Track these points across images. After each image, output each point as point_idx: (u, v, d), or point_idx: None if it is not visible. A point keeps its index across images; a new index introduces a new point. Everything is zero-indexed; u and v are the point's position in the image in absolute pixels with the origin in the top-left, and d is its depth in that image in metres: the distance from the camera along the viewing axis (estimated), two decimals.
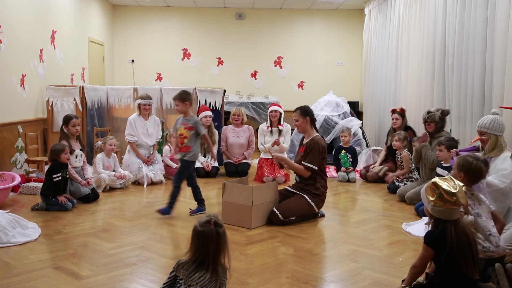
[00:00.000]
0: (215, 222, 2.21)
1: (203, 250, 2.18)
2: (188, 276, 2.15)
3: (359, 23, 10.15)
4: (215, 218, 2.23)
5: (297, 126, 4.42)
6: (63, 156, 4.67)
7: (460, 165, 2.97)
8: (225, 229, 2.26)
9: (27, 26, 6.19)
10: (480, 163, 2.96)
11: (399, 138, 5.81)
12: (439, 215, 2.46)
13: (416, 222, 4.20)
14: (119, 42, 10.39)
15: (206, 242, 2.17)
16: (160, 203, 4.97)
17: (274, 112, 6.41)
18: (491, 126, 3.77)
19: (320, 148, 4.27)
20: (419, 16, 6.71)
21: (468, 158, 2.98)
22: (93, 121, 6.92)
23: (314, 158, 4.25)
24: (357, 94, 10.36)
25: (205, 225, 2.20)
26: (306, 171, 4.29)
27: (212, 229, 2.18)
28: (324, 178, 4.41)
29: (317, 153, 4.25)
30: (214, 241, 2.17)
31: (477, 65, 5.00)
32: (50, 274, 3.02)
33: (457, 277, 2.38)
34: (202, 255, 2.18)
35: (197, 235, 2.19)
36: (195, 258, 2.19)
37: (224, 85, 8.37)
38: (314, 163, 4.26)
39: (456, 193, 2.41)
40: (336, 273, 3.11)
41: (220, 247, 2.20)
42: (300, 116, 4.37)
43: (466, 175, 2.94)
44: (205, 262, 2.17)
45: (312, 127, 4.43)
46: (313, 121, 4.43)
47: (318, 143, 4.28)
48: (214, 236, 2.17)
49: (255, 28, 10.47)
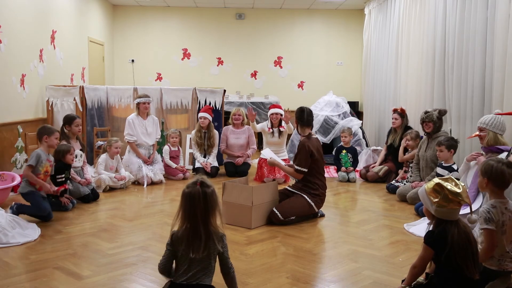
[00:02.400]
0: (201, 182, 2.12)
1: (191, 212, 2.08)
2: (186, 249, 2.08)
3: (359, 23, 10.15)
4: (202, 179, 2.14)
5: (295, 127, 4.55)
6: (69, 157, 4.67)
7: (483, 171, 2.76)
8: (214, 189, 2.15)
9: (27, 26, 6.19)
10: (502, 166, 2.70)
11: (411, 137, 5.65)
12: (443, 216, 2.45)
13: (418, 222, 4.19)
14: (119, 42, 10.39)
15: (193, 204, 2.08)
16: (161, 203, 4.98)
17: (275, 114, 6.34)
18: (491, 123, 3.77)
19: (306, 150, 4.27)
20: (419, 16, 6.71)
21: (489, 162, 2.78)
22: (93, 121, 6.92)
23: (302, 160, 4.28)
24: (357, 94, 10.37)
25: (191, 186, 2.12)
26: (297, 174, 4.34)
27: (198, 189, 2.09)
28: (321, 178, 4.41)
29: (304, 155, 4.27)
30: (201, 202, 2.08)
31: (477, 65, 5.00)
32: (50, 274, 3.02)
33: (457, 277, 2.38)
34: (192, 219, 2.09)
35: (184, 197, 2.11)
36: (186, 223, 2.10)
37: (224, 85, 8.37)
38: (302, 165, 4.29)
39: (460, 193, 2.41)
40: (336, 273, 3.11)
41: (209, 208, 2.10)
42: (295, 118, 4.50)
43: (490, 180, 2.71)
44: (196, 228, 2.08)
45: (305, 129, 4.44)
46: (304, 123, 4.41)
47: (303, 145, 4.30)
48: (200, 196, 2.08)
49: (255, 28, 10.47)
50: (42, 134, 4.33)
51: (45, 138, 4.30)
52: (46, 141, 4.30)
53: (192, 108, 7.10)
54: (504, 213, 2.63)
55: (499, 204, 2.65)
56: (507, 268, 2.62)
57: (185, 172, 6.39)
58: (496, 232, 2.59)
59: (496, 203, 2.66)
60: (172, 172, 6.33)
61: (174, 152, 6.43)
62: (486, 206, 2.67)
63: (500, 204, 2.65)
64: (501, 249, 2.62)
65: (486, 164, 2.77)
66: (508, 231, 2.63)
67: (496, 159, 2.86)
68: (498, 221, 2.60)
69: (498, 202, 2.66)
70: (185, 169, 6.46)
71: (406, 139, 5.76)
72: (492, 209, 2.63)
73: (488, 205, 2.68)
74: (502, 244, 2.61)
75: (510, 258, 2.63)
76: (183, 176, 6.33)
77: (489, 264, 2.63)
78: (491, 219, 2.59)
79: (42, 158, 4.20)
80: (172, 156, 6.39)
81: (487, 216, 2.61)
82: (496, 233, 2.60)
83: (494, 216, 2.60)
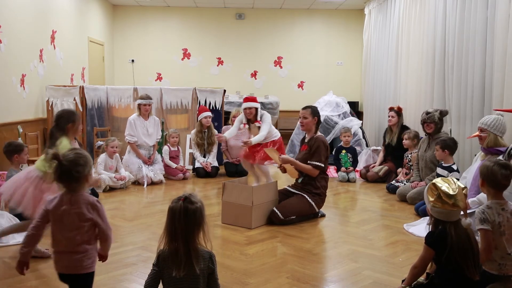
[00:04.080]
0: (186, 198, 2.00)
1: (171, 228, 1.99)
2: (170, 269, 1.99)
3: (359, 23, 10.14)
4: (189, 195, 2.02)
5: (304, 123, 4.44)
6: None
7: (480, 172, 2.75)
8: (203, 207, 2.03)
9: (27, 26, 6.19)
10: (497, 167, 2.65)
11: (409, 136, 5.67)
12: (438, 216, 2.45)
13: (418, 223, 4.19)
14: (119, 42, 10.39)
15: (173, 219, 1.98)
16: (161, 203, 4.98)
17: (248, 109, 5.30)
18: (493, 125, 3.76)
19: (325, 146, 4.34)
20: (419, 16, 6.71)
21: (486, 163, 2.75)
22: (93, 121, 6.92)
23: (322, 156, 4.30)
24: (357, 94, 10.36)
25: (175, 201, 2.02)
26: (314, 170, 4.30)
27: (181, 204, 1.98)
28: (325, 178, 4.42)
29: (323, 150, 4.31)
30: (182, 219, 1.96)
31: (477, 65, 5.00)
32: (50, 274, 3.02)
33: (457, 277, 2.38)
34: (173, 235, 1.99)
35: (168, 212, 2.02)
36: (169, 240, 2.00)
37: (224, 85, 8.37)
38: (322, 161, 4.30)
39: (454, 195, 2.40)
40: (336, 273, 3.11)
41: (191, 225, 1.98)
42: (310, 114, 4.44)
43: (486, 182, 2.70)
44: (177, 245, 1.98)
45: (316, 128, 4.49)
46: (319, 123, 4.51)
47: (322, 141, 4.35)
48: (181, 212, 1.96)
49: (255, 28, 10.46)
50: (11, 153, 4.01)
51: (16, 157, 4.00)
52: (17, 159, 4.00)
53: (192, 108, 7.10)
54: (500, 214, 2.62)
55: (495, 205, 2.65)
56: (508, 272, 2.60)
57: (185, 172, 6.39)
58: (492, 232, 2.58)
59: (492, 204, 2.66)
60: (172, 172, 6.33)
61: (174, 152, 6.43)
62: (481, 207, 2.68)
63: (496, 205, 2.64)
64: (502, 251, 2.60)
65: (483, 165, 2.76)
66: (508, 232, 2.62)
67: (494, 160, 2.85)
68: (494, 222, 2.59)
69: (495, 203, 2.66)
70: (185, 169, 6.46)
71: (404, 137, 5.77)
72: (487, 209, 2.62)
73: (484, 206, 2.68)
74: (503, 246, 2.60)
75: (511, 261, 2.61)
76: (183, 176, 6.33)
77: (489, 268, 2.61)
78: (486, 220, 2.58)
79: None
80: (172, 156, 6.39)
81: (482, 216, 2.60)
82: (493, 234, 2.59)
83: (489, 217, 2.59)
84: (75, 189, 2.24)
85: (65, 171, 2.20)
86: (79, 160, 2.23)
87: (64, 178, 2.22)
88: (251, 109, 5.30)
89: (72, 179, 2.21)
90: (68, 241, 2.19)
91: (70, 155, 2.23)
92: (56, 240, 2.22)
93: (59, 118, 3.39)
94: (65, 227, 2.19)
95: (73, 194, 2.23)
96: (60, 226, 2.20)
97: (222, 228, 4.08)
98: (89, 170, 2.28)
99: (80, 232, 2.20)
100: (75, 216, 2.20)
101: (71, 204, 2.20)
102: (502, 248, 2.60)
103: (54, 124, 3.41)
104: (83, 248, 2.20)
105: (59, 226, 2.21)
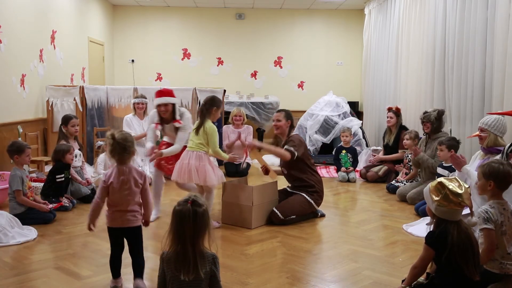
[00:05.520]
0: (193, 201, 2.05)
1: (180, 231, 2.03)
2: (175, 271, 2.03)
3: (359, 23, 10.15)
4: (195, 197, 2.08)
5: (278, 126, 4.42)
6: (68, 157, 4.67)
7: (487, 173, 2.70)
8: (207, 209, 2.09)
9: (27, 26, 6.19)
10: (507, 167, 2.70)
11: (410, 136, 5.62)
12: (443, 215, 2.45)
13: (417, 223, 4.19)
14: (119, 42, 10.39)
15: (182, 222, 2.02)
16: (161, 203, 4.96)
17: (163, 106, 4.33)
18: (494, 125, 3.75)
19: (300, 141, 4.34)
20: (419, 16, 6.71)
21: (492, 164, 2.73)
22: (93, 121, 6.92)
23: (297, 146, 4.26)
24: (357, 94, 10.36)
25: (183, 203, 2.06)
26: (286, 153, 4.20)
27: (189, 207, 2.03)
28: (315, 174, 4.44)
29: (296, 141, 4.30)
30: (191, 221, 2.01)
31: (477, 65, 5.00)
32: (50, 274, 3.02)
33: (457, 277, 2.38)
34: (180, 238, 2.03)
35: (175, 215, 2.06)
36: (175, 243, 2.05)
37: (224, 85, 8.36)
38: (295, 148, 4.24)
39: (462, 194, 2.41)
40: (336, 273, 3.11)
41: (199, 228, 2.03)
42: (284, 117, 4.43)
43: (496, 183, 2.68)
44: (186, 248, 2.02)
45: (289, 132, 4.47)
46: (292, 127, 4.50)
47: (298, 138, 4.37)
48: (190, 215, 2.01)
49: (255, 28, 10.46)
50: (13, 153, 4.13)
51: (16, 157, 4.12)
52: (17, 160, 4.12)
53: (192, 108, 7.09)
54: (502, 214, 2.65)
55: (497, 205, 2.67)
56: (509, 271, 2.61)
57: None
58: (495, 232, 2.60)
59: (494, 204, 2.68)
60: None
61: None
62: (484, 207, 2.68)
63: (498, 205, 2.67)
64: (503, 250, 2.61)
65: (490, 166, 2.73)
66: (508, 232, 2.64)
67: (497, 161, 2.85)
68: (497, 221, 2.61)
69: (496, 203, 2.68)
70: None
71: (405, 137, 5.76)
72: (491, 209, 2.64)
73: (487, 205, 2.69)
74: (503, 245, 2.61)
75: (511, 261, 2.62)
76: None
77: (490, 267, 2.62)
78: (490, 219, 2.60)
79: (23, 177, 4.10)
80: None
81: (485, 216, 2.61)
82: (496, 233, 2.60)
83: (493, 216, 2.61)
84: (126, 161, 2.74)
85: (119, 146, 2.68)
86: (129, 137, 2.74)
87: (119, 152, 2.70)
88: (166, 106, 4.32)
89: (125, 152, 2.70)
90: (126, 202, 2.73)
91: (121, 134, 2.73)
92: (114, 202, 2.74)
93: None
94: (124, 191, 2.72)
95: (126, 166, 2.74)
96: (120, 190, 2.72)
97: (222, 228, 4.08)
98: (134, 145, 2.79)
99: (134, 195, 2.75)
100: (131, 182, 2.73)
101: (127, 173, 2.72)
102: (503, 248, 2.62)
103: None
104: (136, 208, 2.76)
105: (119, 191, 2.72)
